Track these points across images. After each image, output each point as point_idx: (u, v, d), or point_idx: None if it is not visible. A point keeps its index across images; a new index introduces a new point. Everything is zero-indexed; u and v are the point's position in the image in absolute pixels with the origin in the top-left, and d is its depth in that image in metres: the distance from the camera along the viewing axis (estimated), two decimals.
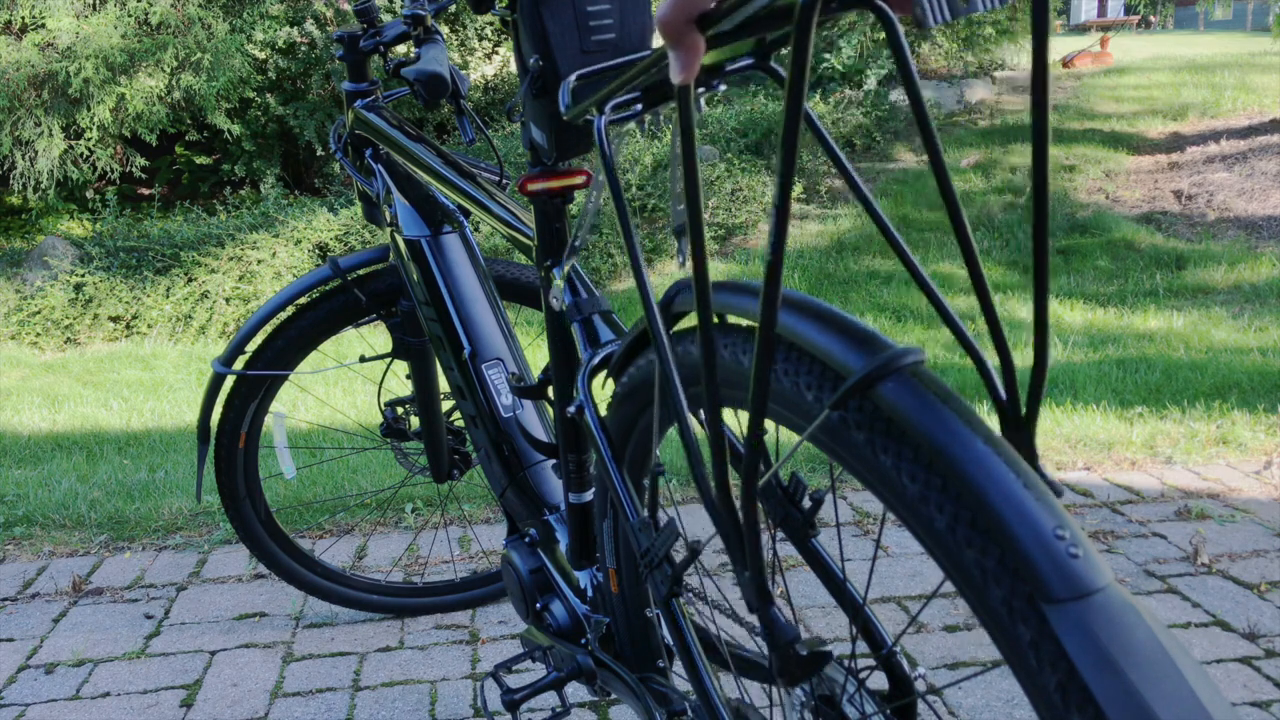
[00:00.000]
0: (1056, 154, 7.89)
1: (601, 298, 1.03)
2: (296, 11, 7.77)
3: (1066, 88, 10.27)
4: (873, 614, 0.77)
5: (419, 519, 2.36)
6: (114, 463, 3.10)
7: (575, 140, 0.96)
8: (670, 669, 1.06)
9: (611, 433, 0.93)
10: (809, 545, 0.78)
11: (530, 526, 1.32)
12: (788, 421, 0.68)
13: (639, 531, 0.86)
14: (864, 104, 8.35)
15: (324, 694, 1.66)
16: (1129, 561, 2.02)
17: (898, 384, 0.57)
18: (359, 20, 1.53)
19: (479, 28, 8.67)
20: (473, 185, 1.28)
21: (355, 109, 1.55)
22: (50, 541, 2.31)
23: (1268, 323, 4.52)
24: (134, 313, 6.13)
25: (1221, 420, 2.82)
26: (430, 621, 1.89)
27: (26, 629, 1.92)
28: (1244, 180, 7.00)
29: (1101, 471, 2.53)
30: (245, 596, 2.02)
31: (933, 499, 0.55)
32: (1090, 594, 0.49)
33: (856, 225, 6.85)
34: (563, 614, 1.19)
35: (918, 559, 2.04)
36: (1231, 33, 26.20)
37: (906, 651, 1.72)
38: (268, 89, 7.85)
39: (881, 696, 0.75)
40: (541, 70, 0.88)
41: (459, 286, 1.42)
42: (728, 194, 6.89)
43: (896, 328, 5.03)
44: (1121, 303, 5.24)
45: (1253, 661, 1.66)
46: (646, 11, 0.89)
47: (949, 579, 0.55)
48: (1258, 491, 2.36)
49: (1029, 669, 0.50)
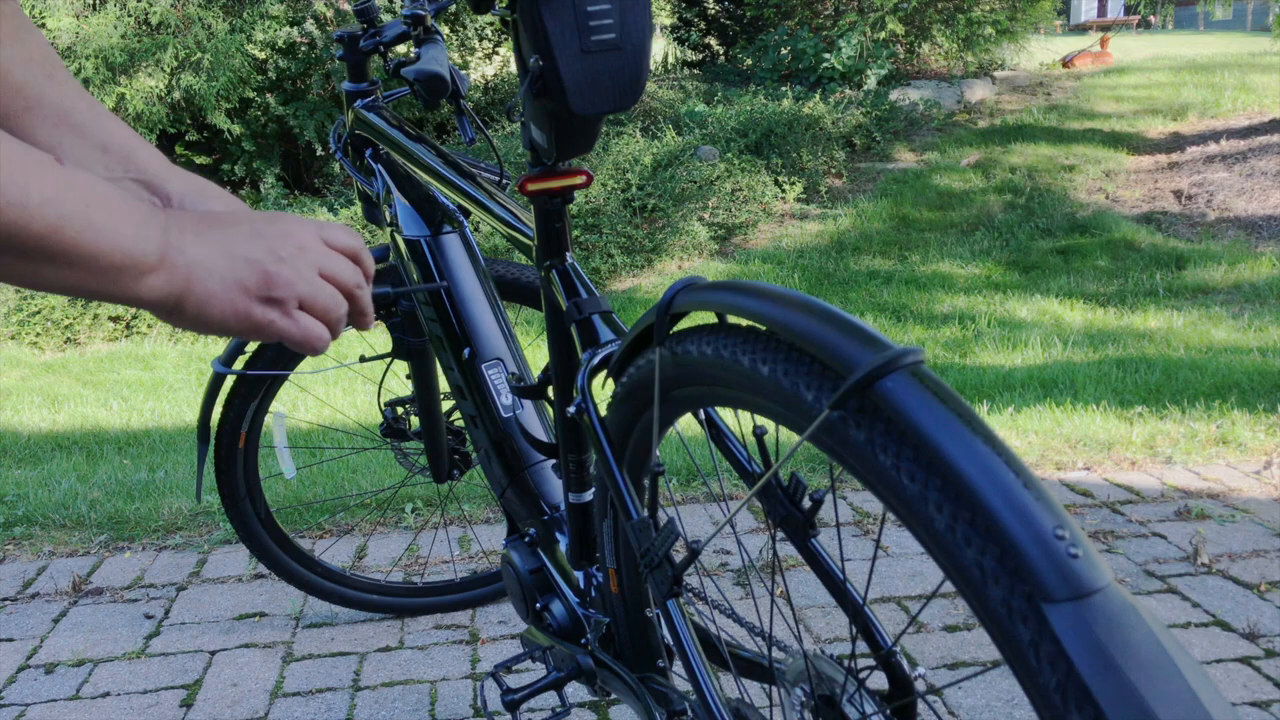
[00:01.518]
0: (1056, 154, 7.89)
1: (601, 298, 1.03)
2: (296, 11, 7.77)
3: (1066, 88, 10.27)
4: (873, 614, 0.77)
5: (419, 519, 2.36)
6: (114, 463, 3.10)
7: (576, 140, 0.96)
8: (670, 669, 1.06)
9: (611, 432, 0.93)
10: (809, 545, 0.78)
11: (530, 526, 1.32)
12: (788, 421, 0.68)
13: (639, 531, 0.86)
14: (864, 104, 8.34)
15: (324, 694, 1.66)
16: (1129, 561, 2.02)
17: (897, 383, 0.57)
18: (359, 20, 1.53)
19: (479, 28, 8.67)
20: (473, 185, 1.28)
21: (355, 109, 1.55)
22: (50, 541, 2.32)
23: (1268, 323, 4.52)
24: (134, 312, 6.13)
25: (1221, 420, 2.82)
26: (430, 621, 1.89)
27: (26, 629, 1.92)
28: (1244, 180, 7.00)
29: (1101, 471, 2.53)
30: (245, 596, 2.02)
31: (932, 498, 0.55)
32: (1090, 594, 0.49)
33: (856, 225, 6.85)
34: (563, 614, 1.19)
35: (918, 559, 2.04)
36: (1231, 33, 26.21)
37: (906, 651, 1.72)
38: (268, 89, 7.85)
39: (881, 696, 0.75)
40: (541, 70, 0.88)
41: (459, 286, 1.42)
42: (728, 194, 6.89)
43: (896, 328, 5.03)
44: (1121, 302, 5.24)
45: (1253, 661, 1.66)
46: (647, 11, 0.89)
47: (949, 579, 0.55)
48: (1258, 491, 2.36)
49: (1029, 669, 0.50)
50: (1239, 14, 30.89)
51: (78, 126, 0.84)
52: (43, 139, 0.83)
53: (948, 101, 9.23)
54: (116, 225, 0.64)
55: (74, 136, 0.84)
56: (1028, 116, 8.97)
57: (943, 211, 7.06)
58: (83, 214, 0.62)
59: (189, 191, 0.84)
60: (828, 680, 0.78)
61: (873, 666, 0.74)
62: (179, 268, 0.67)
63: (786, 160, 7.37)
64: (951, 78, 9.68)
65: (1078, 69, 12.07)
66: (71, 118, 0.84)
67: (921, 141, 8.45)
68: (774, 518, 0.78)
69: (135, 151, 0.84)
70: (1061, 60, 12.67)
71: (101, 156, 0.84)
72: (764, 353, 0.68)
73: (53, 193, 0.61)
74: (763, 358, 0.68)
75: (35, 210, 0.60)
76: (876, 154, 8.18)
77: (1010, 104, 9.52)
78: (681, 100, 8.48)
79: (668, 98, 8.59)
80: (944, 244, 6.53)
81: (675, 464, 2.55)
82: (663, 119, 7.92)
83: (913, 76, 9.63)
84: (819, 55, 8.93)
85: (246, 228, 0.71)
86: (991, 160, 7.79)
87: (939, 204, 7.16)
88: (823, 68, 8.86)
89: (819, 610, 1.85)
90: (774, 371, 0.66)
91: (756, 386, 0.68)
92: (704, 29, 11.44)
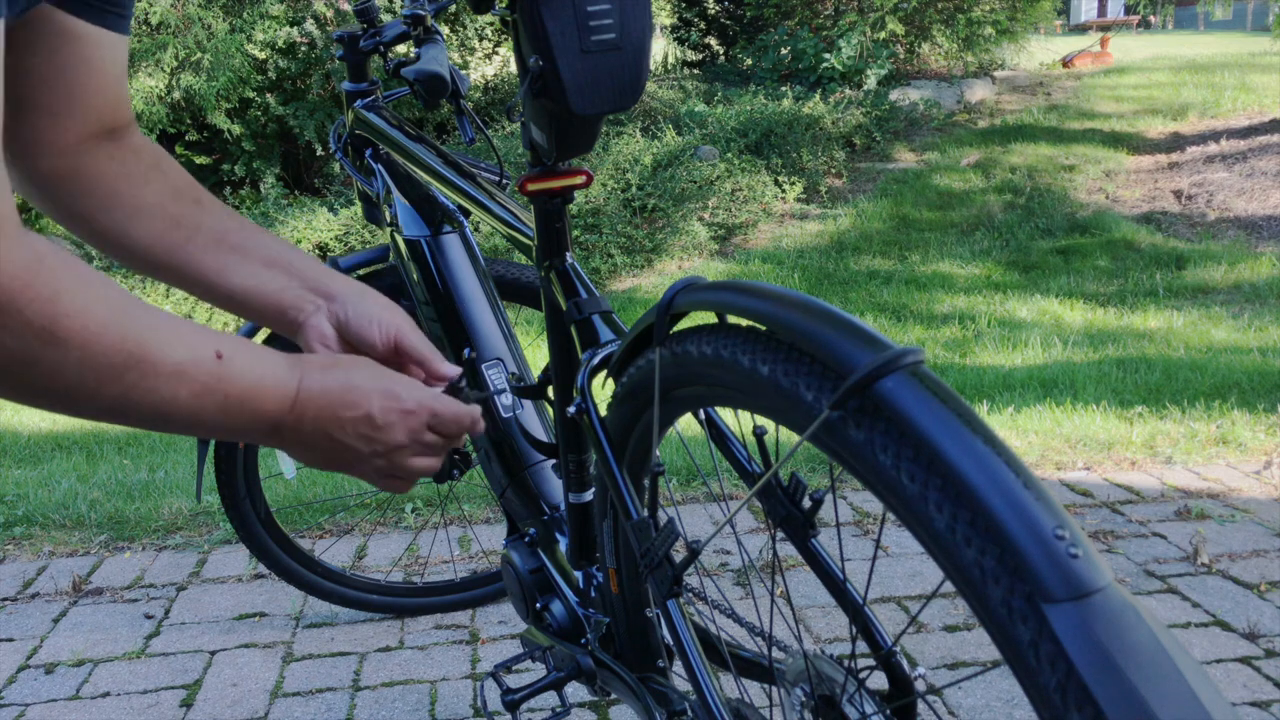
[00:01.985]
0: (1056, 154, 7.89)
1: (601, 298, 1.03)
2: (296, 11, 7.77)
3: (1066, 88, 10.27)
4: (873, 614, 0.77)
5: (419, 519, 2.36)
6: (114, 463, 3.10)
7: (576, 140, 0.96)
8: (670, 669, 1.06)
9: (611, 432, 0.93)
10: (809, 545, 0.78)
11: (530, 526, 1.32)
12: (787, 421, 0.68)
13: (639, 531, 0.86)
14: (864, 104, 8.34)
15: (324, 694, 1.66)
16: (1129, 561, 2.02)
17: (897, 383, 0.57)
18: (359, 20, 1.53)
19: (479, 28, 8.66)
20: (473, 185, 1.28)
21: (355, 109, 1.55)
22: (50, 541, 2.31)
23: (1268, 323, 4.52)
24: None
25: (1221, 420, 2.82)
26: (430, 621, 1.89)
27: (26, 629, 1.92)
28: (1244, 180, 7.00)
29: (1101, 471, 2.53)
30: (245, 596, 2.02)
31: (932, 498, 0.55)
32: (1090, 594, 0.49)
33: (856, 225, 6.85)
34: (562, 614, 1.19)
35: (918, 559, 2.04)
36: (1231, 33, 26.21)
37: (906, 651, 1.72)
38: (268, 89, 7.84)
39: (881, 696, 0.75)
40: (541, 70, 0.88)
41: (459, 286, 1.42)
42: (728, 194, 6.89)
43: (896, 328, 5.03)
44: (1121, 302, 5.24)
45: (1253, 661, 1.66)
46: (647, 11, 0.89)
47: (949, 579, 0.55)
48: (1258, 491, 2.36)
49: (1029, 669, 0.50)
50: (1239, 14, 30.90)
51: (238, 247, 0.90)
52: (210, 263, 0.89)
53: (948, 101, 9.23)
54: (246, 426, 0.74)
55: (237, 256, 0.90)
56: (1028, 116, 8.97)
57: (943, 211, 7.06)
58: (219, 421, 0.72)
59: (349, 293, 0.91)
60: (828, 680, 0.78)
61: (873, 666, 0.74)
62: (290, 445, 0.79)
63: (786, 160, 7.37)
64: (951, 78, 9.68)
65: (1078, 69, 12.07)
66: (229, 239, 0.90)
67: (921, 141, 8.45)
68: (774, 518, 0.78)
69: (293, 262, 0.91)
70: (1061, 60, 12.67)
71: (266, 271, 0.90)
72: (764, 353, 0.68)
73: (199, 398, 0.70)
74: (762, 358, 0.68)
75: (181, 413, 0.70)
76: (876, 154, 8.18)
77: (1010, 104, 9.52)
78: (681, 100, 8.48)
79: (668, 98, 8.59)
80: (944, 244, 6.53)
81: (675, 464, 2.55)
82: (663, 119, 7.91)
83: (913, 76, 9.63)
84: (819, 55, 8.92)
85: (362, 419, 0.80)
86: (991, 160, 7.79)
87: (939, 204, 7.17)
88: (823, 68, 8.86)
89: (819, 610, 1.85)
90: (774, 371, 0.66)
91: (756, 386, 0.68)
92: (704, 29, 11.44)
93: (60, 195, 0.86)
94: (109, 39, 0.81)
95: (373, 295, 0.92)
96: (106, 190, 0.86)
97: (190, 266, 0.89)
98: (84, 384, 0.63)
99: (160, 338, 0.66)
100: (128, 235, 0.88)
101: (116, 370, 0.64)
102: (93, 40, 0.80)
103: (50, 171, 0.84)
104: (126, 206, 0.87)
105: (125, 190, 0.87)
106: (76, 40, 0.79)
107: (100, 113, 0.84)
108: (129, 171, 0.87)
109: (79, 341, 0.61)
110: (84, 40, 0.79)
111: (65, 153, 0.84)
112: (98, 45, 0.80)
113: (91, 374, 0.63)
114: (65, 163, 0.84)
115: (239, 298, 0.90)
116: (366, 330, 0.89)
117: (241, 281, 0.89)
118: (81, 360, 0.62)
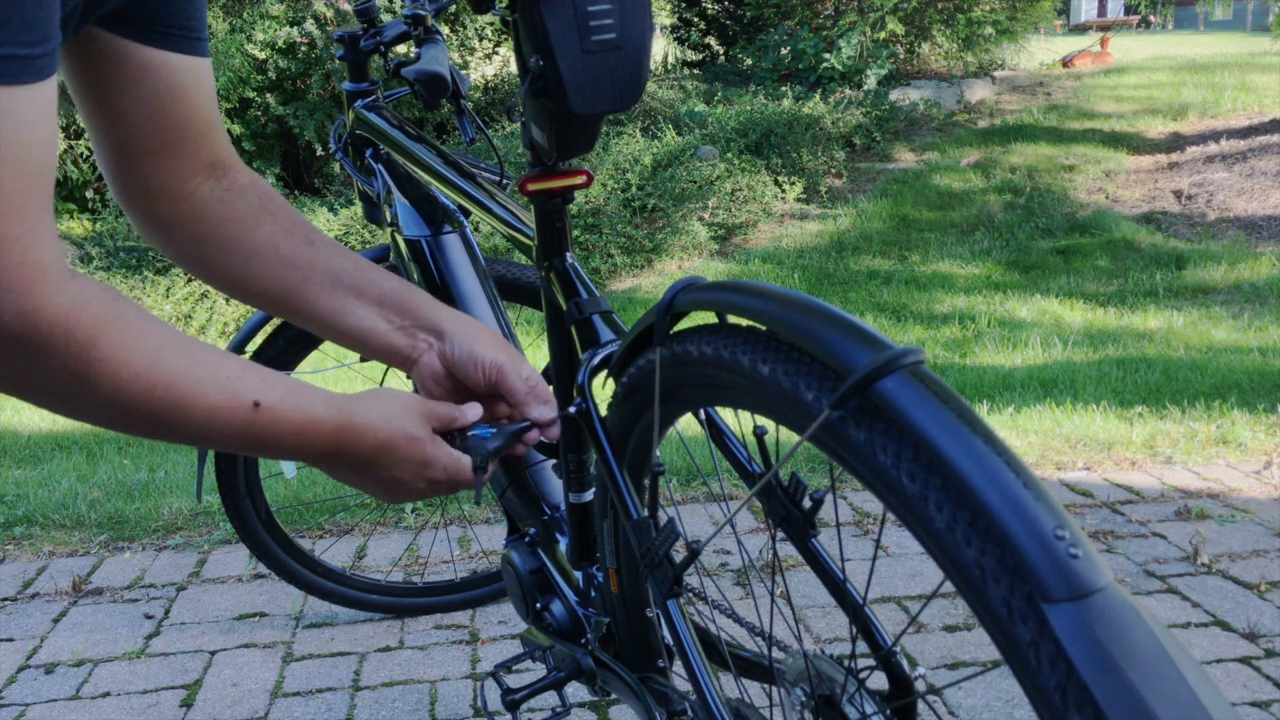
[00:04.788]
0: (1056, 154, 7.89)
1: (601, 298, 1.03)
2: (296, 11, 7.77)
3: (1066, 88, 10.27)
4: (873, 614, 0.77)
5: (419, 519, 2.36)
6: (114, 463, 3.10)
7: (576, 140, 0.96)
8: (670, 669, 1.06)
9: (612, 432, 0.93)
10: (809, 545, 0.78)
11: (530, 526, 1.32)
12: (788, 421, 0.68)
13: (639, 531, 0.86)
14: (864, 104, 8.34)
15: (324, 694, 1.66)
16: (1129, 561, 2.02)
17: (897, 384, 0.57)
18: (359, 20, 1.53)
19: (479, 28, 8.67)
20: (473, 185, 1.28)
21: (355, 109, 1.55)
22: (50, 541, 2.32)
23: (1268, 323, 4.52)
24: None
25: (1221, 420, 2.82)
26: (430, 621, 1.89)
27: (26, 629, 1.92)
28: (1244, 180, 7.00)
29: (1101, 471, 2.53)
30: (245, 596, 2.02)
31: (932, 498, 0.55)
32: (1090, 594, 0.49)
33: (856, 225, 6.85)
34: (563, 614, 1.19)
35: (918, 559, 2.05)
36: (1231, 33, 26.22)
37: (906, 651, 1.72)
38: (268, 89, 7.84)
39: (881, 696, 0.75)
40: (542, 70, 0.88)
41: (459, 286, 1.42)
42: (728, 194, 6.89)
43: (896, 328, 5.03)
44: (1121, 302, 5.24)
45: (1253, 661, 1.66)
46: (647, 11, 0.89)
47: (949, 579, 0.55)
48: (1258, 491, 2.36)
49: (1028, 669, 0.50)
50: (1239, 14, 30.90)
51: (353, 287, 0.92)
52: (326, 304, 0.92)
53: (948, 101, 9.23)
54: (275, 456, 0.78)
55: (352, 296, 0.92)
56: (1028, 116, 8.97)
57: (943, 211, 7.06)
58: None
59: (457, 331, 0.93)
60: (828, 680, 0.78)
61: (873, 666, 0.74)
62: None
63: (786, 160, 7.37)
64: (951, 78, 9.68)
65: (1078, 69, 12.08)
66: (344, 279, 0.92)
67: (921, 141, 8.45)
68: (774, 518, 0.78)
69: (405, 299, 0.93)
70: (1061, 60, 12.67)
71: (380, 310, 0.93)
72: (764, 353, 0.68)
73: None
74: (763, 358, 0.68)
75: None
76: (876, 154, 8.19)
77: (1010, 104, 9.52)
78: (681, 100, 8.48)
79: (668, 98, 8.59)
80: (944, 244, 6.53)
81: (675, 464, 2.55)
82: (663, 119, 7.91)
83: (913, 76, 9.63)
84: (819, 55, 8.93)
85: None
86: (991, 160, 7.79)
87: (939, 204, 7.17)
88: (823, 68, 8.86)
89: (819, 610, 1.85)
90: (774, 371, 0.66)
91: (756, 386, 0.68)
92: (704, 29, 11.44)
93: (178, 240, 0.89)
94: (185, 63, 0.82)
95: (479, 331, 0.93)
96: (222, 236, 0.89)
97: (307, 307, 0.92)
98: (115, 419, 0.68)
99: (198, 382, 0.69)
100: (245, 279, 0.91)
101: (147, 413, 0.68)
102: (169, 68, 0.81)
103: (167, 217, 0.87)
104: (242, 251, 0.90)
105: (239, 235, 0.89)
106: (155, 71, 0.80)
107: (196, 144, 0.85)
108: (240, 215, 0.89)
109: (111, 387, 0.65)
110: (161, 69, 0.80)
111: (177, 197, 0.86)
112: (174, 72, 0.81)
113: (121, 414, 0.67)
114: (178, 208, 0.87)
115: (356, 338, 0.93)
116: (471, 372, 0.92)
117: (357, 323, 0.92)
118: (114, 402, 0.66)
